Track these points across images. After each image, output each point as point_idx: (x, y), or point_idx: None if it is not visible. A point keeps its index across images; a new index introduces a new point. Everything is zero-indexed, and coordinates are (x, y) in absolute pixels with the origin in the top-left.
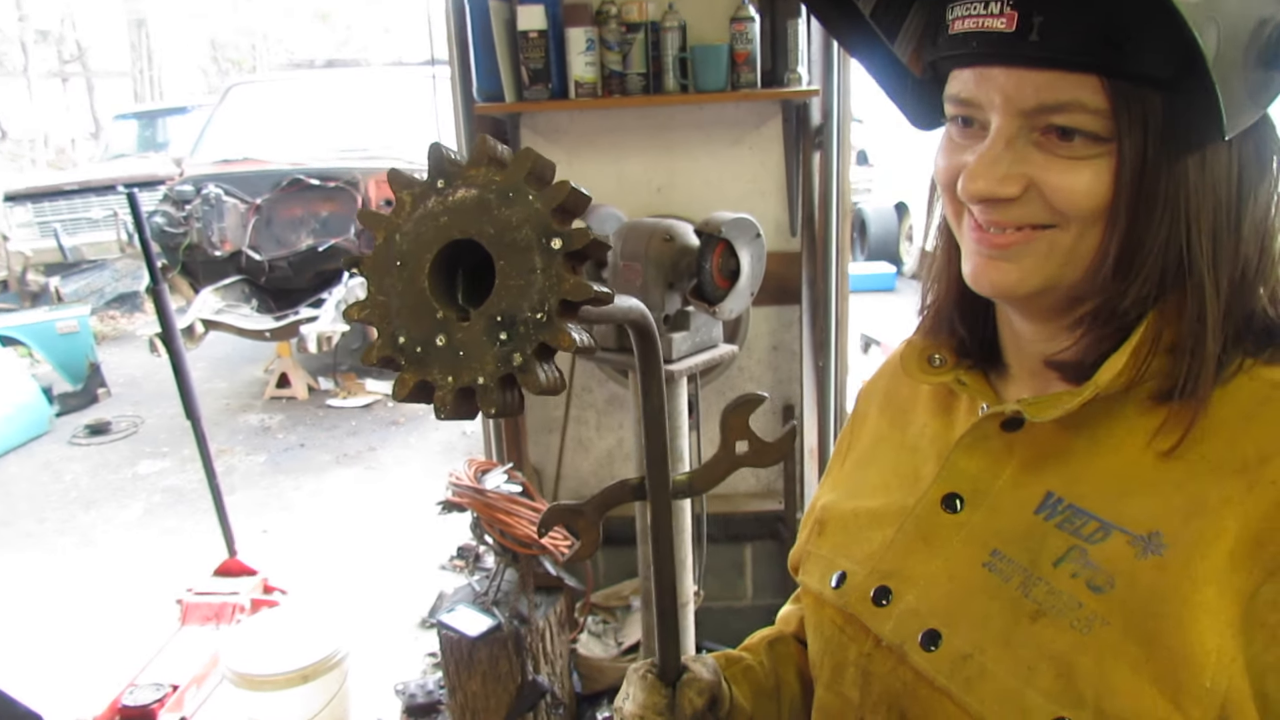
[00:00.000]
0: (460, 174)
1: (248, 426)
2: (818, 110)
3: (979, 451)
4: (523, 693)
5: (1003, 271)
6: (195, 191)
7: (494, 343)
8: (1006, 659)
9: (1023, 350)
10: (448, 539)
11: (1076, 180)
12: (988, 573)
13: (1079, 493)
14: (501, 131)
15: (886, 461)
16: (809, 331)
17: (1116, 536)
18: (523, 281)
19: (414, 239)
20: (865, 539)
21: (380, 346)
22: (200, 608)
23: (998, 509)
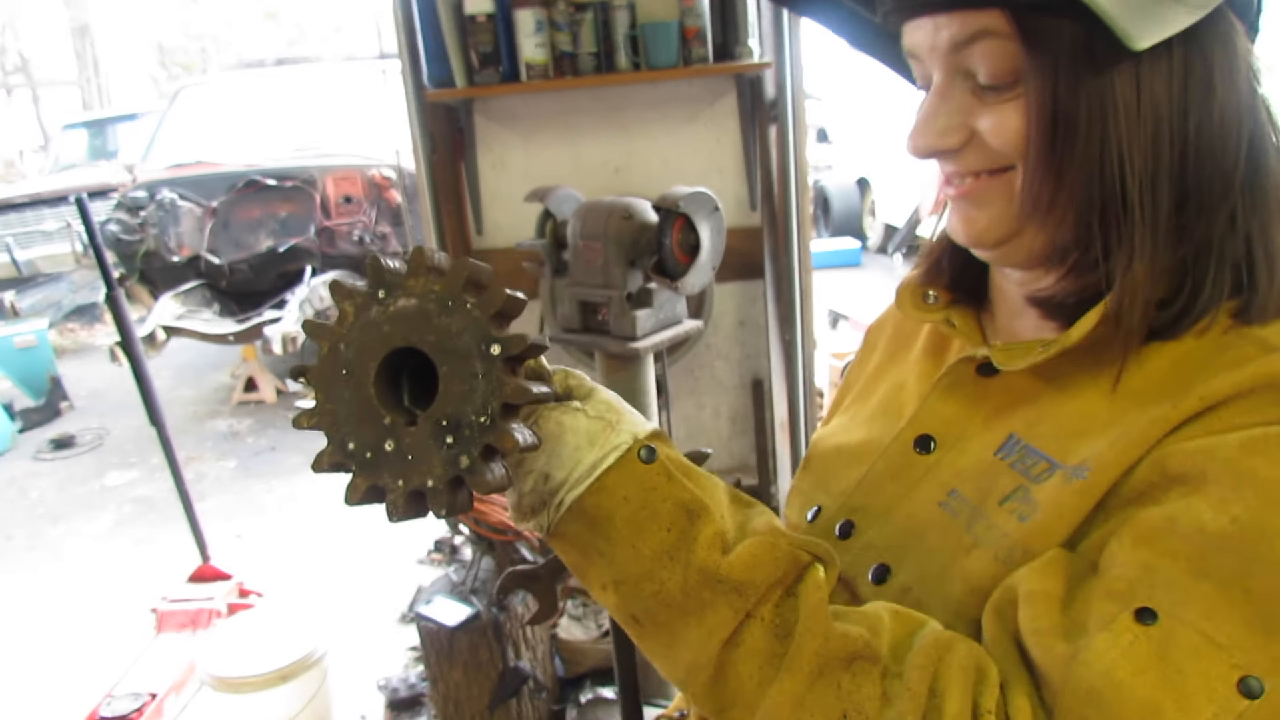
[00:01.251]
0: (400, 284)
1: (216, 432)
2: (771, 84)
3: (955, 395)
4: (505, 679)
5: (971, 220)
6: (149, 197)
7: (440, 446)
8: (941, 593)
9: (1006, 285)
10: (425, 534)
11: (1005, 121)
12: (942, 511)
13: (1037, 433)
14: (455, 120)
15: (880, 395)
16: (774, 306)
17: (1058, 474)
18: (466, 386)
19: (358, 348)
20: (843, 475)
21: (330, 453)
22: (175, 615)
23: (965, 451)
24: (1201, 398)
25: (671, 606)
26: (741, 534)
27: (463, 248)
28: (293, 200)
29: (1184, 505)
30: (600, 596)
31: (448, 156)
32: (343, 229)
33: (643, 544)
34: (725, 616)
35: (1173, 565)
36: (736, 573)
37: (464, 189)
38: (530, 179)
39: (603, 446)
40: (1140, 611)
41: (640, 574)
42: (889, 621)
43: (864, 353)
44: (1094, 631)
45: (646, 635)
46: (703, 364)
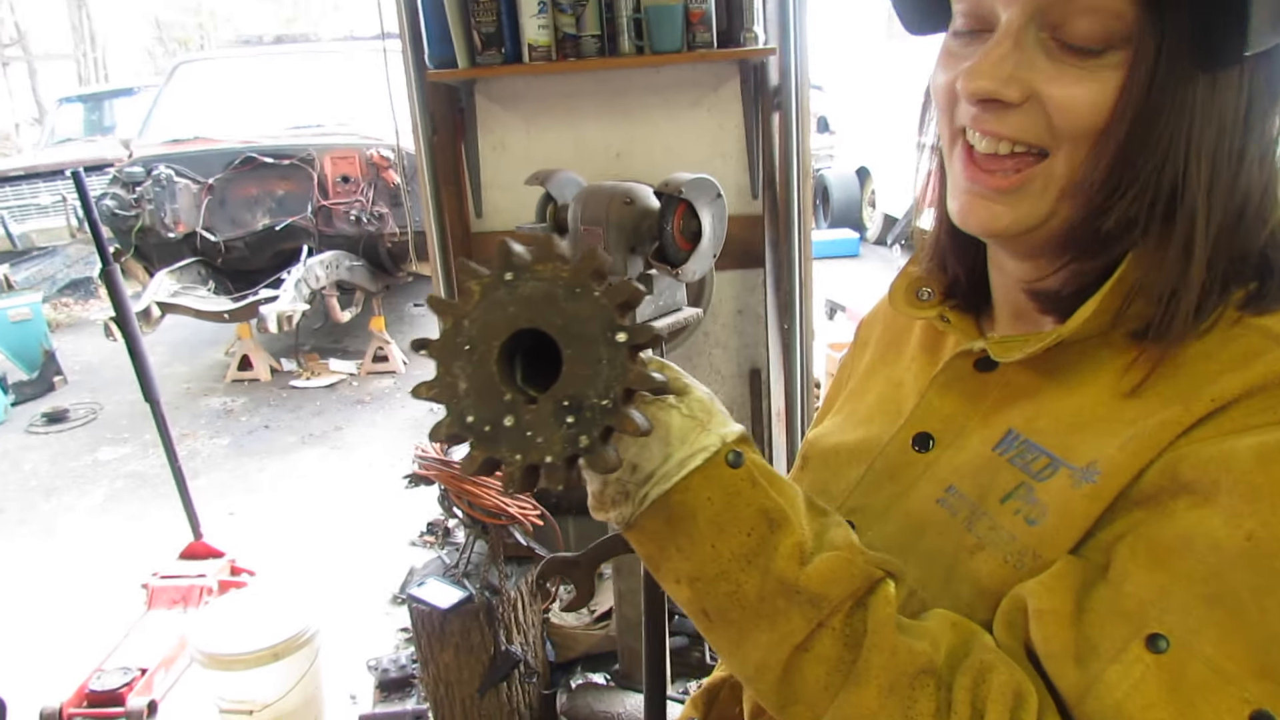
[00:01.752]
0: (527, 267)
1: (210, 410)
2: (775, 70)
3: (953, 391)
4: (496, 663)
5: (994, 214)
6: (145, 173)
7: (561, 425)
8: (947, 596)
9: (1007, 284)
10: (417, 516)
11: (1081, 92)
12: (939, 508)
13: (1036, 428)
14: (456, 100)
15: (875, 394)
16: (773, 295)
17: (1063, 472)
18: (589, 370)
19: (483, 326)
20: (841, 475)
21: (449, 424)
22: (167, 591)
23: (963, 448)
24: (1213, 399)
25: (745, 608)
26: (819, 544)
27: (461, 230)
28: (290, 178)
29: (1197, 519)
30: (673, 590)
31: (448, 137)
32: (340, 208)
33: (722, 545)
34: (798, 625)
35: (1187, 589)
36: (814, 585)
37: (464, 171)
38: (531, 162)
39: (692, 445)
40: (1152, 638)
41: (717, 573)
42: (947, 635)
43: (856, 349)
44: (1106, 661)
45: (715, 629)
46: (700, 352)
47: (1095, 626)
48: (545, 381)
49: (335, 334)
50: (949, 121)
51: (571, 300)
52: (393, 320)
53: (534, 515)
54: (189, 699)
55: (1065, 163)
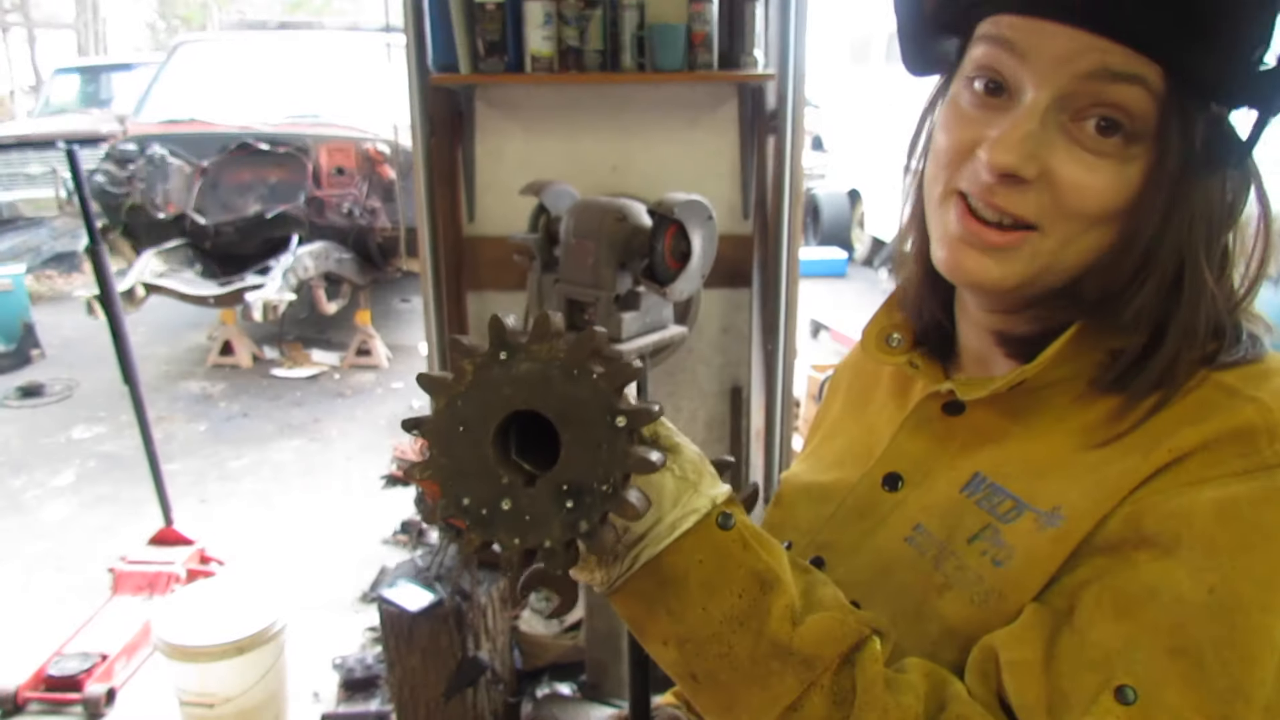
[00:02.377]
0: (522, 347)
1: (188, 394)
2: (773, 94)
3: (923, 433)
4: (462, 668)
5: (984, 267)
6: (139, 151)
7: (560, 509)
8: (914, 634)
9: (975, 332)
10: (392, 513)
11: (1095, 178)
12: (908, 546)
13: (1004, 473)
14: (456, 104)
15: (846, 438)
16: (759, 315)
17: (1027, 515)
18: (588, 455)
19: (477, 406)
20: (811, 512)
21: (444, 507)
22: (133, 577)
23: (932, 489)
24: (1170, 450)
25: (737, 670)
26: (807, 604)
27: (453, 233)
28: (284, 167)
29: (1161, 571)
30: (659, 652)
31: (446, 140)
32: (333, 200)
33: (714, 607)
34: (791, 685)
35: (1153, 641)
36: (807, 646)
37: (459, 174)
38: (527, 170)
39: (683, 507)
40: (1120, 689)
41: (708, 636)
42: (922, 686)
43: (829, 397)
44: (1078, 713)
45: (703, 692)
46: (684, 368)
47: (1066, 677)
48: (541, 456)
49: (320, 325)
50: (947, 178)
51: (569, 383)
52: (379, 315)
53: None
54: (149, 689)
55: (1055, 240)
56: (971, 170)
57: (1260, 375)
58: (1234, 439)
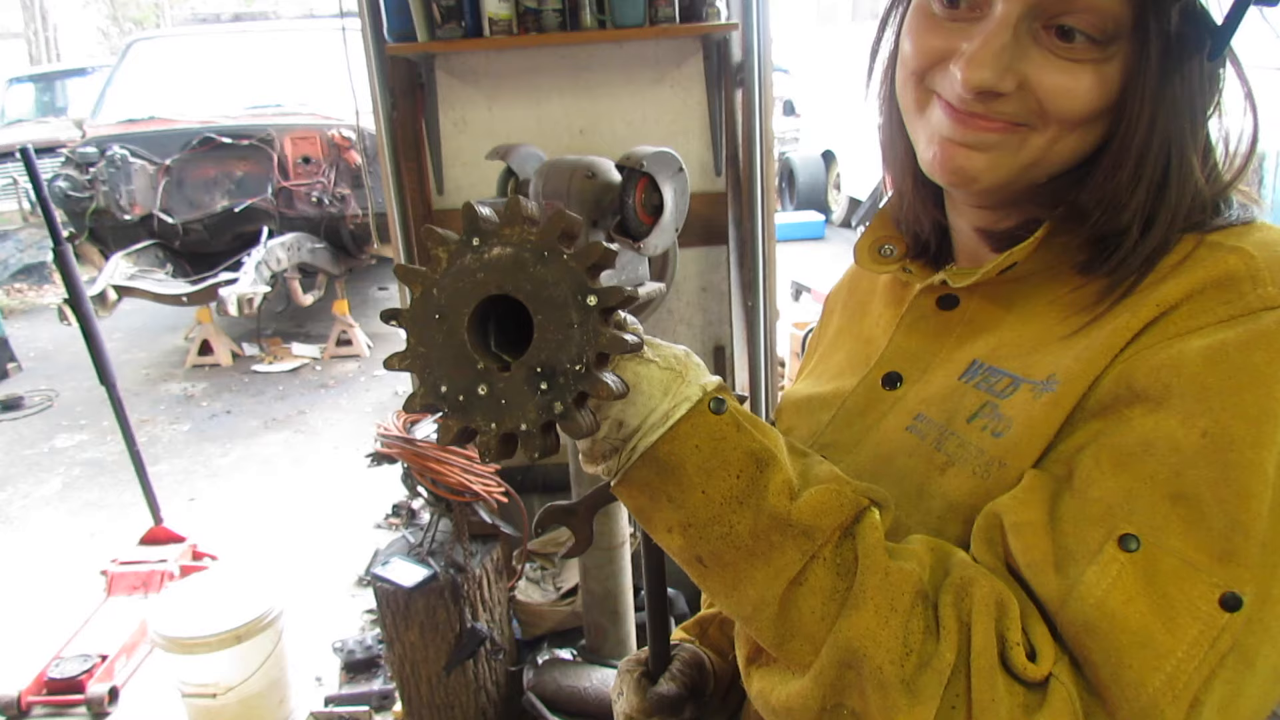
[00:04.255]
0: (495, 232)
1: (170, 396)
2: (738, 47)
3: (918, 330)
4: (462, 641)
5: (970, 159)
6: (99, 153)
7: (535, 392)
8: (919, 512)
9: (966, 232)
10: (382, 498)
11: (1075, 83)
12: (909, 435)
13: (999, 355)
14: (416, 75)
15: (845, 351)
16: (736, 272)
17: (1023, 388)
18: (561, 335)
19: (452, 293)
20: (812, 419)
21: (423, 395)
22: (127, 577)
23: (930, 381)
24: (1157, 304)
25: (739, 548)
26: (804, 481)
27: (423, 207)
28: (249, 159)
29: (1154, 424)
30: (664, 539)
31: (409, 113)
32: (301, 190)
33: (713, 490)
34: (792, 558)
35: (1151, 490)
36: (805, 517)
37: (425, 147)
38: (493, 138)
39: (675, 396)
40: (1123, 538)
41: (709, 518)
42: (926, 555)
43: (824, 320)
44: (1083, 564)
45: (710, 575)
46: (664, 329)
47: (1069, 534)
48: (520, 346)
49: (297, 318)
50: (917, 83)
51: (540, 264)
52: (356, 304)
53: (498, 493)
54: (151, 685)
55: (1045, 139)
56: (946, 80)
57: (1244, 232)
58: (1218, 287)
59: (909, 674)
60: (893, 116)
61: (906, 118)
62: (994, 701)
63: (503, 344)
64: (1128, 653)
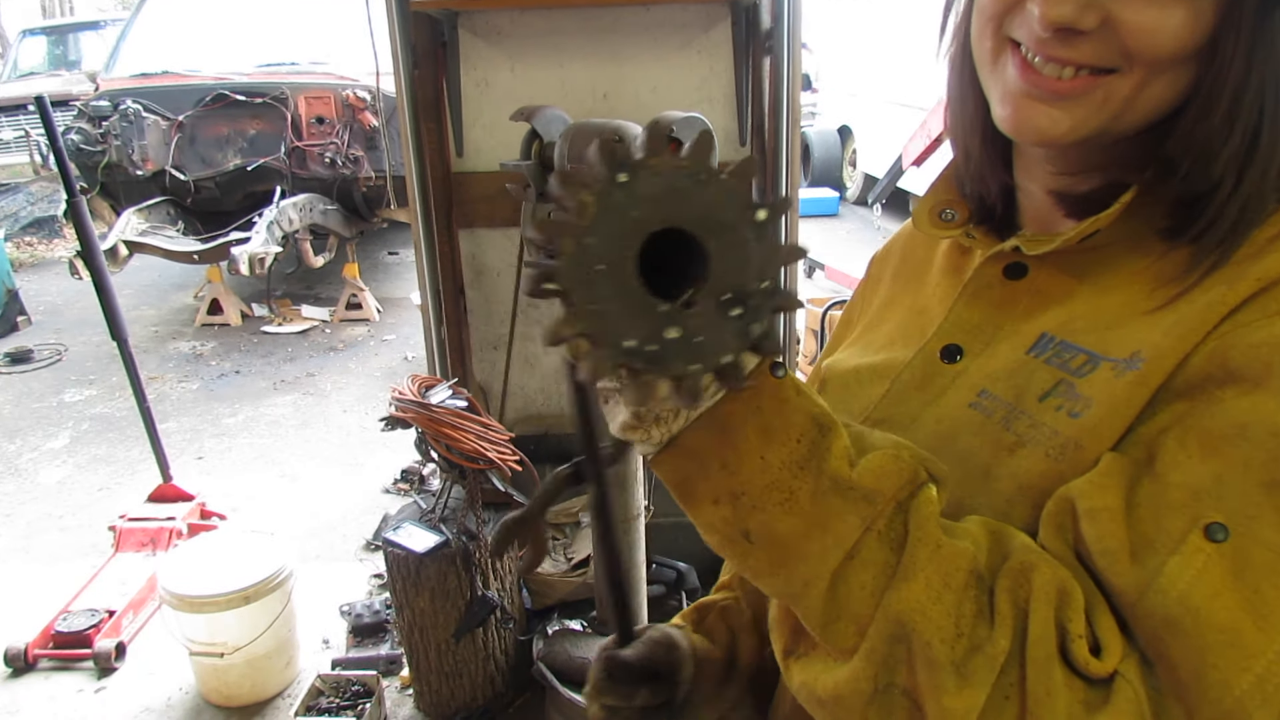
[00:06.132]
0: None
1: (179, 354)
2: (768, 14)
3: (981, 301)
4: (472, 608)
5: (1052, 119)
6: (112, 107)
7: (728, 320)
8: (985, 493)
9: (1038, 195)
10: (391, 463)
11: (1165, 18)
12: (973, 411)
13: (1073, 329)
14: (439, 33)
15: (895, 322)
16: None
17: (1103, 366)
18: (739, 256)
19: (608, 238)
20: (864, 393)
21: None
22: (135, 533)
23: (994, 355)
24: (1258, 279)
25: (798, 515)
26: (860, 448)
27: (442, 168)
28: (263, 118)
29: (1250, 405)
30: (709, 512)
31: (430, 72)
32: (314, 150)
33: (771, 454)
34: (853, 525)
35: (1244, 476)
36: (867, 480)
37: (445, 107)
38: (515, 100)
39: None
40: (1210, 527)
41: (766, 484)
42: (983, 537)
43: (867, 285)
44: (1164, 554)
45: (755, 551)
46: None
47: (1148, 521)
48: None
49: (307, 280)
50: (994, 30)
51: (700, 189)
52: (366, 268)
53: (513, 461)
54: (158, 642)
55: (1133, 84)
56: (1023, 21)
57: None
58: None
59: (959, 656)
60: (965, 72)
61: (981, 72)
62: (1049, 695)
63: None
64: (1213, 651)
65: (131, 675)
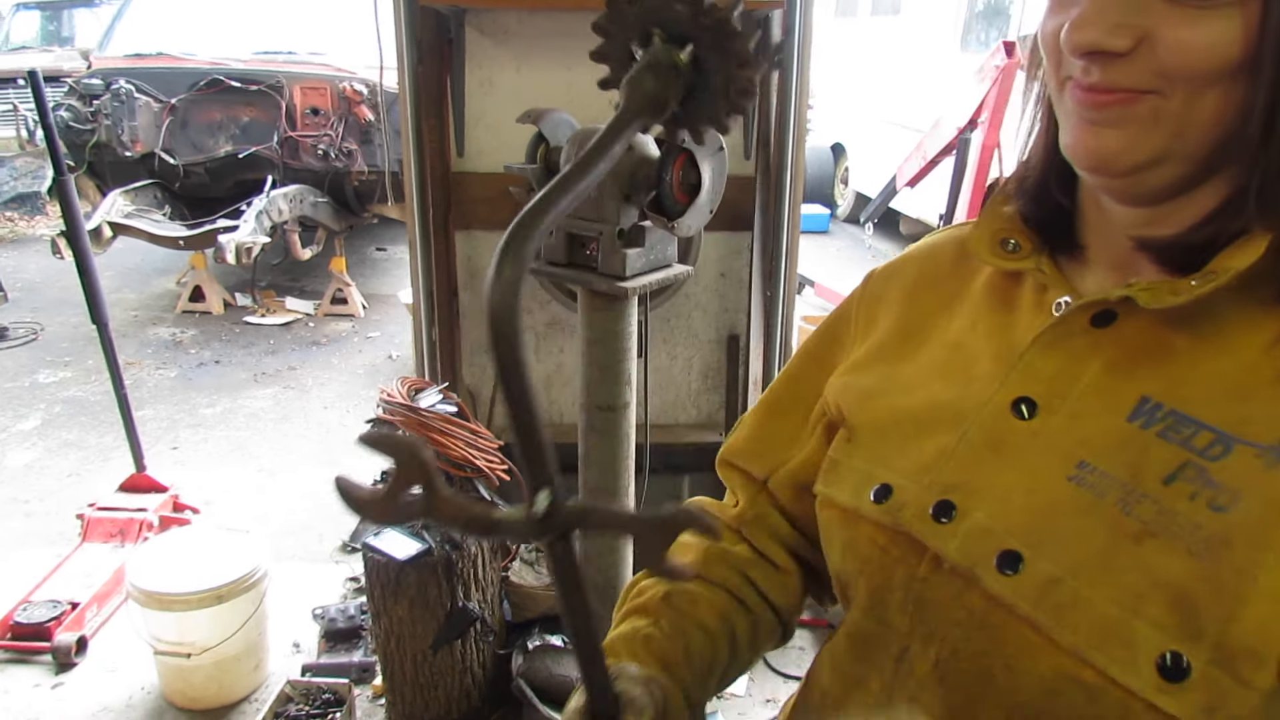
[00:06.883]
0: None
1: (158, 340)
2: (779, 26)
3: (1058, 350)
4: (452, 619)
5: (1104, 138)
6: (104, 86)
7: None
8: (1107, 584)
9: (1109, 236)
10: (372, 463)
11: (1199, 34)
12: (1075, 487)
13: (1183, 397)
14: (445, 29)
15: (923, 358)
16: (759, 260)
17: (1240, 451)
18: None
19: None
20: (913, 448)
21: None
22: (104, 523)
23: (1080, 415)
24: None
25: None
26: None
27: (441, 168)
28: (257, 105)
29: None
30: None
31: (434, 69)
32: (307, 141)
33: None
34: None
35: None
36: None
37: (448, 105)
38: (520, 102)
39: None
40: None
41: None
42: None
43: (866, 303)
44: None
45: None
46: (679, 314)
47: None
48: None
49: (293, 272)
50: (1056, 69)
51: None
52: (354, 263)
53: (501, 469)
54: (122, 638)
55: (1177, 104)
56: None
57: None
58: None
59: None
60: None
61: (1055, 100)
62: None
63: None
64: None
65: (91, 672)
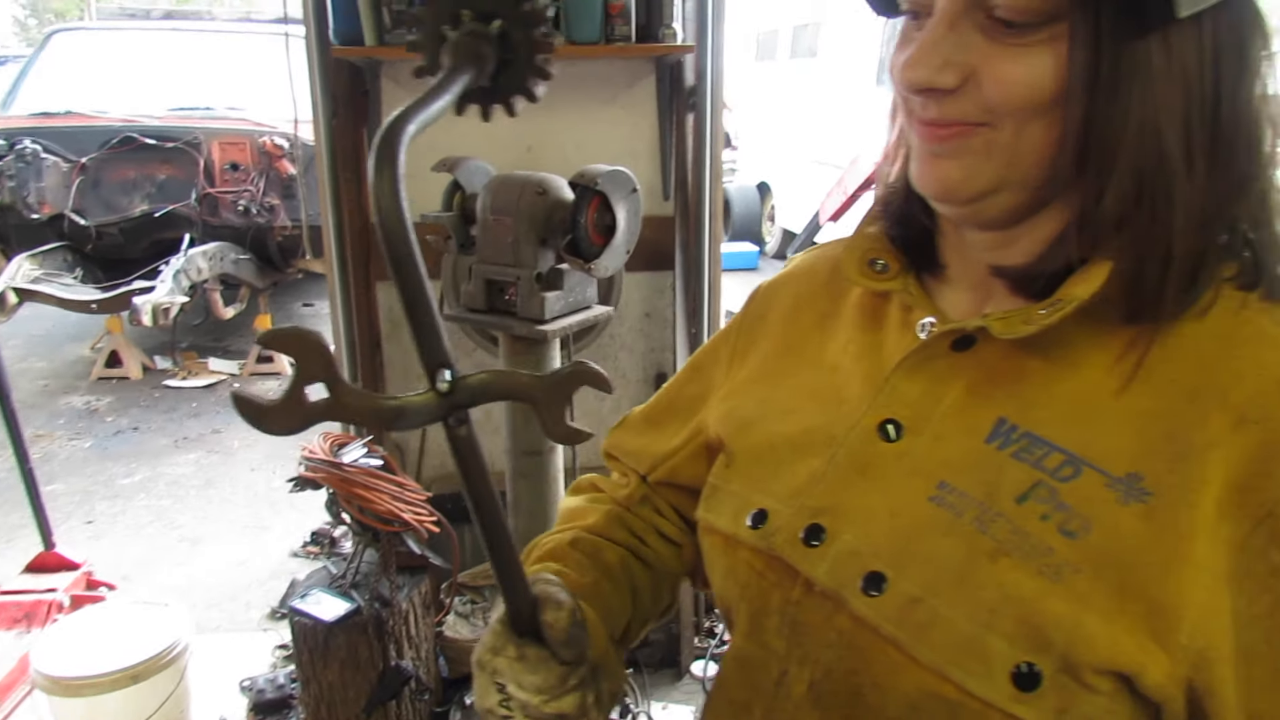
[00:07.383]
0: None
1: (71, 409)
2: (691, 71)
3: (922, 373)
4: (385, 680)
5: (945, 169)
6: (9, 147)
7: None
8: (964, 602)
9: (967, 259)
10: (301, 525)
11: (1018, 70)
12: (935, 507)
13: (1035, 418)
14: (360, 82)
15: (799, 380)
16: (682, 298)
17: (1090, 475)
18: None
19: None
20: (787, 472)
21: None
22: (7, 608)
23: (943, 437)
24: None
25: None
26: None
27: (359, 220)
28: (173, 162)
29: None
30: None
31: (349, 122)
32: (227, 198)
33: None
34: None
35: None
36: None
37: (365, 157)
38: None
39: None
40: None
41: None
42: None
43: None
44: None
45: None
46: (606, 355)
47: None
48: None
49: (216, 332)
50: (904, 103)
51: None
52: (280, 319)
53: (429, 522)
54: None
55: (1010, 133)
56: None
57: None
58: None
59: None
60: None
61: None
62: None
63: None
64: None
65: None
